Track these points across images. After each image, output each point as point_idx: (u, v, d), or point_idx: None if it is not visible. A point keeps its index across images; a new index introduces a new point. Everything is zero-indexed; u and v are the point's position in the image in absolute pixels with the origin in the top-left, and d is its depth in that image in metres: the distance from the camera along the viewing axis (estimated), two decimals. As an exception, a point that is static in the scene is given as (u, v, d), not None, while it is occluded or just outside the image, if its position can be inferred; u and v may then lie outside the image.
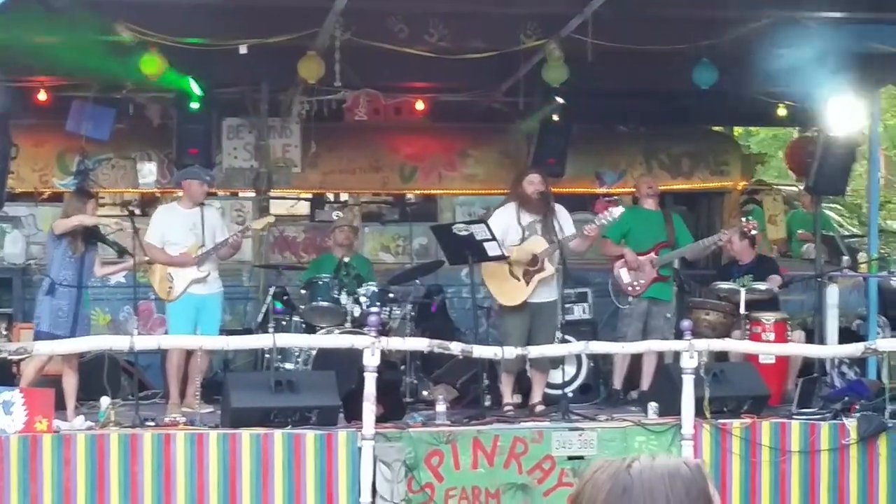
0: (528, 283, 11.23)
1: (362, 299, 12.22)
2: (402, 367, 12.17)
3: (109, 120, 13.66)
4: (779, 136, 22.04)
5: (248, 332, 12.51)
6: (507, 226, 11.30)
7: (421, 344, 10.57)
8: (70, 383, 10.82)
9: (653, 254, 12.26)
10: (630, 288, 12.20)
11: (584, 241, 11.40)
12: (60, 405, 10.41)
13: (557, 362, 11.55)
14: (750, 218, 13.33)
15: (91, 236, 11.07)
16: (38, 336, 10.78)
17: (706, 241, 12.65)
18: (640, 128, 15.86)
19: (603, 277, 12.77)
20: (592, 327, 12.80)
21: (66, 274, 10.89)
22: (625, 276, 12.23)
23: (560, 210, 11.49)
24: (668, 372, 11.18)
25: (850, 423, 10.52)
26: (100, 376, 11.66)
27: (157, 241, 11.62)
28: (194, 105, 12.66)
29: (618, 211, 11.39)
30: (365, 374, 9.81)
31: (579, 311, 12.87)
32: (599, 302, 12.93)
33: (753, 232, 12.82)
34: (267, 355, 11.71)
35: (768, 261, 13.44)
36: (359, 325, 11.69)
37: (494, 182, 14.62)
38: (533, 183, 11.39)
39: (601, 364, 12.52)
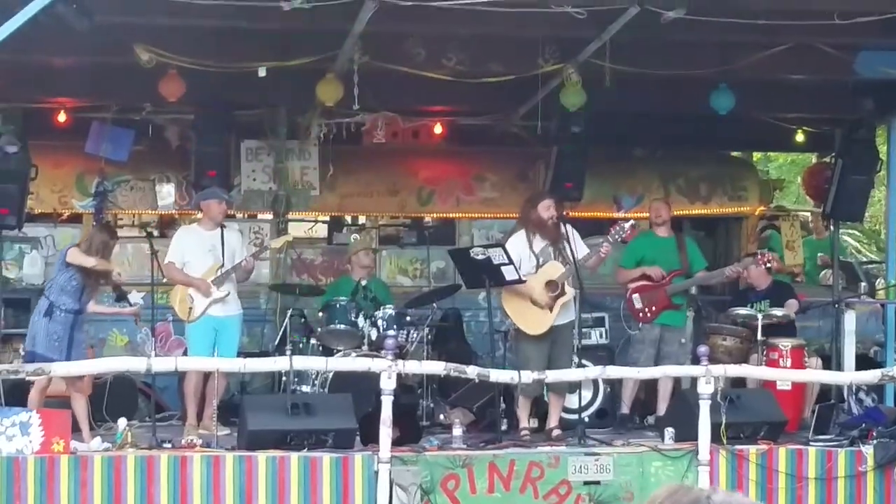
0: (551, 309, 11.21)
1: (379, 322, 12.22)
2: (419, 391, 12.15)
3: (128, 141, 13.70)
4: (797, 161, 22.02)
5: (265, 354, 12.51)
6: (520, 255, 11.27)
7: (438, 367, 10.57)
8: (80, 406, 10.82)
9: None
10: (641, 314, 12.20)
11: (600, 259, 11.43)
12: (75, 427, 10.43)
13: (575, 386, 11.53)
14: (766, 251, 13.32)
15: (99, 275, 11.10)
16: (33, 357, 10.72)
17: (715, 272, 12.68)
18: (658, 152, 15.83)
19: (619, 303, 12.75)
20: (609, 352, 12.79)
21: (66, 300, 10.89)
22: (637, 301, 12.23)
23: (571, 231, 11.45)
24: (684, 397, 11.16)
25: (867, 451, 10.50)
26: (113, 398, 11.74)
27: (177, 261, 11.67)
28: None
29: (628, 224, 11.44)
30: (381, 397, 9.81)
31: (596, 336, 12.86)
32: (616, 327, 12.90)
33: (770, 265, 12.82)
34: (284, 378, 11.72)
35: (785, 287, 13.40)
36: (376, 348, 11.68)
37: (512, 206, 14.58)
38: (549, 208, 11.39)
39: (617, 389, 12.50)
